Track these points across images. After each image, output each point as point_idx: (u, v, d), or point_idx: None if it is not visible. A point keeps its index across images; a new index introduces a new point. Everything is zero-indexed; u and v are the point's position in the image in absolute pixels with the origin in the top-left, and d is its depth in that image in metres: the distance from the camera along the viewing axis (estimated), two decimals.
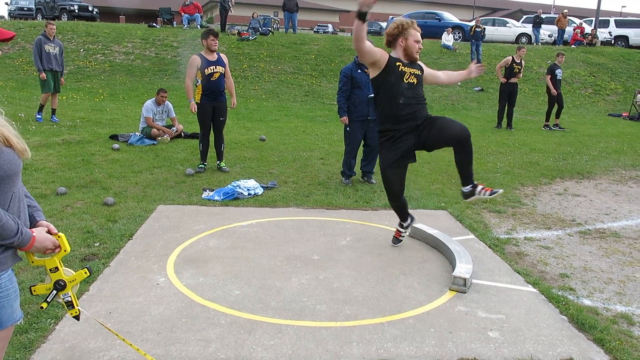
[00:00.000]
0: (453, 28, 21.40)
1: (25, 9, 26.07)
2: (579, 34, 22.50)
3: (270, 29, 20.52)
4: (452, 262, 3.81)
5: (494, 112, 12.97)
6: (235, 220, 4.71)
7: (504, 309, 3.22)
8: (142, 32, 17.98)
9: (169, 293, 3.24)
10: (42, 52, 8.90)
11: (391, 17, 27.13)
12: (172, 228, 4.43)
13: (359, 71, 5.83)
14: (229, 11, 18.86)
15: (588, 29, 23.59)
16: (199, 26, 19.58)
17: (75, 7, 24.30)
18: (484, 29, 18.95)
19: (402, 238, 4.21)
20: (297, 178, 6.34)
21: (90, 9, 25.13)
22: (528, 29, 23.31)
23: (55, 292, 1.86)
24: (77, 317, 1.96)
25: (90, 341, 2.66)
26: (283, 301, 3.20)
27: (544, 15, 23.36)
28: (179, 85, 13.70)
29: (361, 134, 6.04)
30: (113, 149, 7.40)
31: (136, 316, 2.94)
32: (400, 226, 4.18)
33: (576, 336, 2.94)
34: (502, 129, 11.55)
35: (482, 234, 4.61)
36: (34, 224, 1.79)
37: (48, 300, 1.86)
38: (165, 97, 8.38)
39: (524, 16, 27.33)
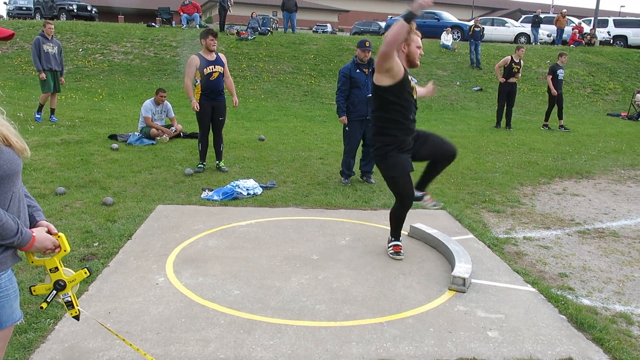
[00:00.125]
0: (452, 28, 21.41)
1: (24, 8, 26.06)
2: (577, 34, 22.53)
3: (269, 28, 20.52)
4: (451, 261, 3.82)
5: (492, 112, 12.98)
6: (235, 220, 4.71)
7: (503, 309, 3.22)
8: (141, 32, 17.97)
9: (168, 293, 3.24)
10: (41, 52, 8.88)
11: (390, 16, 27.14)
12: (172, 228, 4.43)
13: (357, 71, 5.82)
14: (227, 11, 18.85)
15: (587, 28, 23.63)
16: (198, 26, 19.56)
17: (74, 7, 24.26)
18: (483, 28, 18.95)
19: (402, 251, 4.03)
20: (296, 178, 6.34)
21: (89, 8, 25.09)
22: (527, 28, 23.36)
23: (55, 292, 1.86)
24: (76, 317, 1.96)
25: (89, 341, 2.66)
26: (282, 301, 3.20)
27: (542, 15, 23.42)
28: (178, 85, 13.69)
29: (360, 133, 6.04)
30: (112, 149, 7.40)
31: (135, 316, 2.94)
32: (398, 240, 4.05)
33: (575, 336, 2.94)
34: (501, 128, 11.56)
35: (481, 234, 4.62)
36: (34, 223, 1.79)
37: (48, 300, 1.86)
38: (164, 96, 8.37)
39: (523, 16, 27.36)
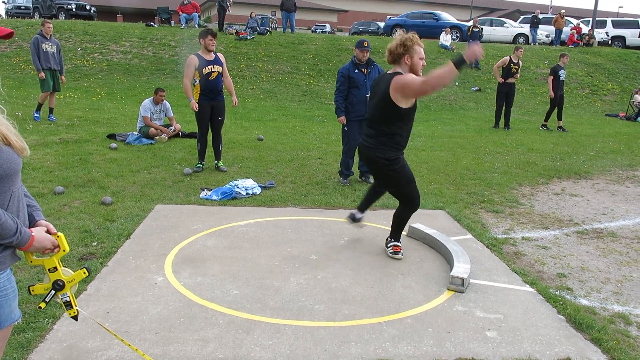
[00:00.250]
0: (451, 28, 21.41)
1: (23, 7, 26.05)
2: (575, 35, 22.56)
3: (268, 28, 20.52)
4: (450, 261, 3.82)
5: (491, 112, 13.00)
6: (233, 220, 4.71)
7: (501, 309, 3.23)
8: (140, 31, 17.95)
9: (167, 293, 3.24)
10: (40, 51, 8.87)
11: (389, 16, 27.17)
12: (170, 227, 4.42)
13: (356, 71, 5.83)
14: (227, 10, 18.83)
15: (585, 29, 23.67)
16: (197, 25, 19.54)
17: (73, 6, 24.26)
18: (482, 29, 19.01)
19: (402, 251, 4.06)
20: (295, 178, 6.34)
21: (88, 7, 25.08)
22: (525, 29, 23.38)
23: (53, 292, 1.85)
24: (75, 317, 1.95)
25: (88, 341, 2.65)
26: (281, 301, 3.20)
27: (541, 16, 23.44)
28: (177, 85, 13.68)
29: (359, 133, 6.03)
30: (111, 148, 7.39)
31: (134, 316, 2.94)
32: (397, 240, 4.07)
33: (573, 336, 2.95)
34: (499, 128, 11.58)
35: (480, 234, 4.62)
36: (33, 223, 1.78)
37: (46, 300, 1.86)
38: (163, 96, 8.36)
39: (522, 16, 27.40)
